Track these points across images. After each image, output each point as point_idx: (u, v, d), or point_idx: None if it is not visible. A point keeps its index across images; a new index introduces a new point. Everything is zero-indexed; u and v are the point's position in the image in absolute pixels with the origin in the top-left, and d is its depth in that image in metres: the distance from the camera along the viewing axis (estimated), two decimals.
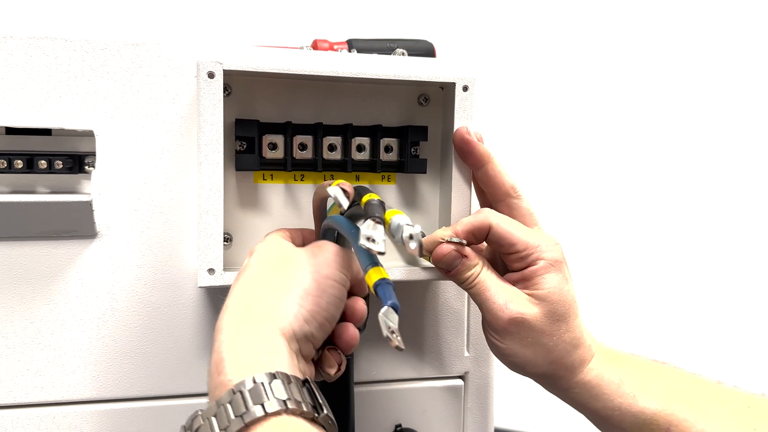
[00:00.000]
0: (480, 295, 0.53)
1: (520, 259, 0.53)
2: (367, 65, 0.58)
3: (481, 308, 0.53)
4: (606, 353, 0.55)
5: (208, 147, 0.51)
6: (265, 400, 0.39)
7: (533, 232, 0.54)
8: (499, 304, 0.52)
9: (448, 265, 0.53)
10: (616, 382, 0.54)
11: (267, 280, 0.47)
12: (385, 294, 0.41)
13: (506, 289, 0.53)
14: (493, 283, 0.53)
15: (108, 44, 0.54)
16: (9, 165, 0.54)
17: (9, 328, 0.55)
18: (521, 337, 0.52)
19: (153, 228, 0.56)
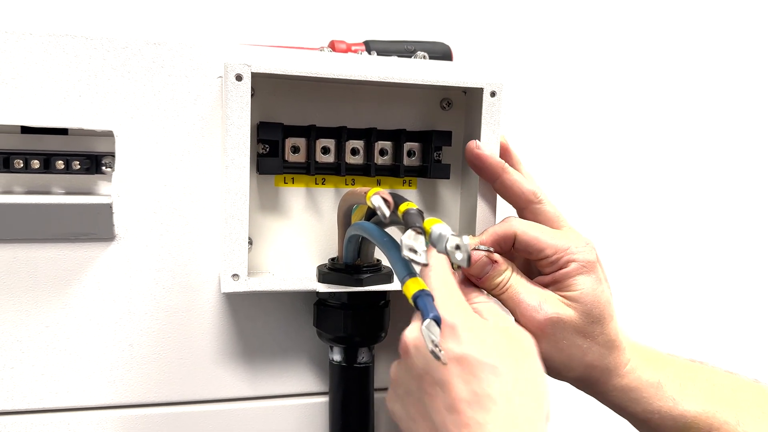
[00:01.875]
0: (512, 299, 0.52)
1: (551, 263, 0.52)
2: (394, 69, 0.58)
3: (515, 313, 0.52)
4: (643, 354, 0.55)
5: (235, 151, 0.50)
6: None
7: (562, 235, 0.53)
8: (533, 306, 0.51)
9: (479, 272, 0.52)
10: (655, 385, 0.53)
11: None
12: (425, 306, 0.40)
13: (539, 292, 0.52)
14: (524, 287, 0.52)
15: (129, 43, 0.53)
16: (26, 165, 0.53)
17: (24, 332, 0.53)
18: (557, 340, 0.51)
19: (172, 231, 0.55)
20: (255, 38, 0.94)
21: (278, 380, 0.59)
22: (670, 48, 1.19)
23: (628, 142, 1.17)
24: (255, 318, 0.58)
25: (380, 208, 0.43)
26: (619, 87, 1.16)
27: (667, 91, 1.20)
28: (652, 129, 1.19)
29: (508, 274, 0.52)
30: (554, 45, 1.10)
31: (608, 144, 1.15)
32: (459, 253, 0.39)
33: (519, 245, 0.53)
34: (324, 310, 0.55)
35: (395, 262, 0.44)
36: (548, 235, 0.53)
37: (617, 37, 1.16)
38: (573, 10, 1.12)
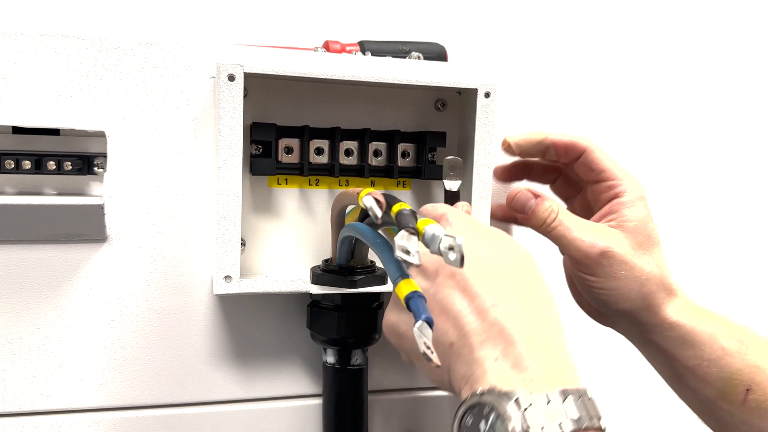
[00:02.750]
0: (565, 236, 0.52)
1: (608, 188, 0.53)
2: (389, 69, 0.57)
3: (569, 249, 0.52)
4: (694, 305, 0.55)
5: (227, 151, 0.50)
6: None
7: (623, 170, 0.54)
8: (588, 241, 0.51)
9: (521, 207, 0.53)
10: (708, 332, 0.53)
11: None
12: (418, 308, 0.39)
13: (591, 226, 0.52)
14: (575, 222, 0.52)
15: (121, 43, 0.53)
16: (17, 165, 0.53)
17: (15, 334, 0.53)
18: (614, 270, 0.51)
19: (165, 232, 0.55)
20: (248, 38, 0.93)
21: (271, 382, 0.59)
22: (665, 47, 1.19)
23: (624, 143, 1.17)
24: (248, 320, 0.58)
25: (372, 209, 0.43)
26: (615, 87, 1.16)
27: (663, 92, 1.20)
28: (648, 130, 1.19)
29: (555, 208, 0.52)
30: (547, 45, 1.10)
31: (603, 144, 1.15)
32: (452, 253, 0.38)
33: (585, 159, 0.54)
34: (317, 311, 0.55)
35: (388, 263, 0.43)
36: (613, 162, 0.54)
37: (611, 37, 1.15)
38: (567, 10, 1.12)
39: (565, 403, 0.35)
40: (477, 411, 0.36)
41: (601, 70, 1.14)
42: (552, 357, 0.38)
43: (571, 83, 1.12)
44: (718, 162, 1.25)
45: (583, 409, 0.35)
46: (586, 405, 0.35)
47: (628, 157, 1.15)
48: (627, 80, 1.17)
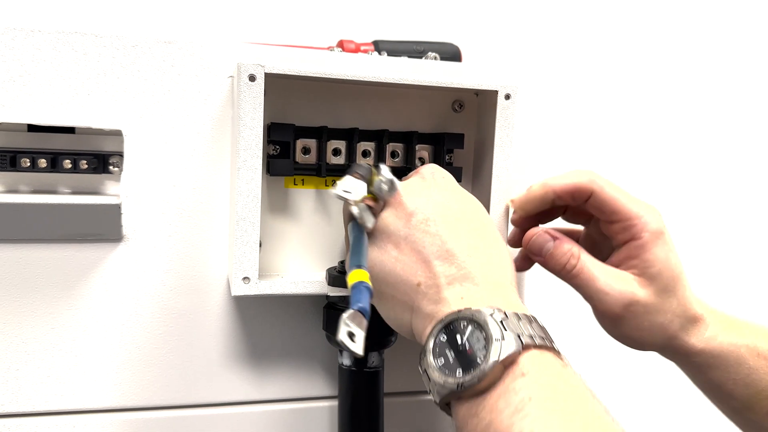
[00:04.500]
0: (588, 286, 0.50)
1: (623, 229, 0.50)
2: (409, 70, 0.57)
3: (591, 299, 0.51)
4: (722, 321, 0.54)
5: (247, 152, 0.50)
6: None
7: (636, 201, 0.51)
8: (612, 294, 0.50)
9: (539, 250, 0.51)
10: (735, 352, 0.52)
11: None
12: (354, 297, 0.40)
13: (615, 275, 0.50)
14: (597, 269, 0.50)
15: (139, 41, 0.52)
16: (32, 164, 0.52)
17: (29, 334, 0.53)
18: (637, 321, 0.50)
19: (180, 232, 0.55)
20: (254, 37, 0.93)
21: (286, 384, 0.58)
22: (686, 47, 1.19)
23: (643, 147, 1.16)
24: (263, 320, 0.57)
25: (362, 218, 0.44)
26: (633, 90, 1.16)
27: (683, 93, 1.19)
28: (667, 132, 1.18)
29: (576, 252, 0.51)
30: (560, 45, 1.10)
31: (622, 148, 1.14)
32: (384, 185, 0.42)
33: (594, 202, 0.51)
34: (334, 313, 0.55)
35: (353, 250, 0.44)
36: (625, 198, 0.51)
37: (628, 38, 1.15)
38: (581, 10, 1.12)
39: (531, 324, 0.39)
40: (453, 327, 0.39)
41: (611, 73, 1.14)
42: (511, 296, 0.42)
43: (585, 84, 1.11)
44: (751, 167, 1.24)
45: (545, 333, 0.39)
46: (545, 330, 0.39)
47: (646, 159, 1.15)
48: (643, 81, 1.16)
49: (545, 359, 0.38)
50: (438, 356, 0.39)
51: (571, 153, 1.07)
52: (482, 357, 0.37)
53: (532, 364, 0.37)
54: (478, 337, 0.38)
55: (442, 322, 0.40)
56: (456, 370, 0.38)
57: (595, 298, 0.50)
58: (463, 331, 0.39)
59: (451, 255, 0.42)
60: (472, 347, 0.38)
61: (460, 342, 0.38)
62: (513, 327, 0.38)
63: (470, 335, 0.38)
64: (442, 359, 0.39)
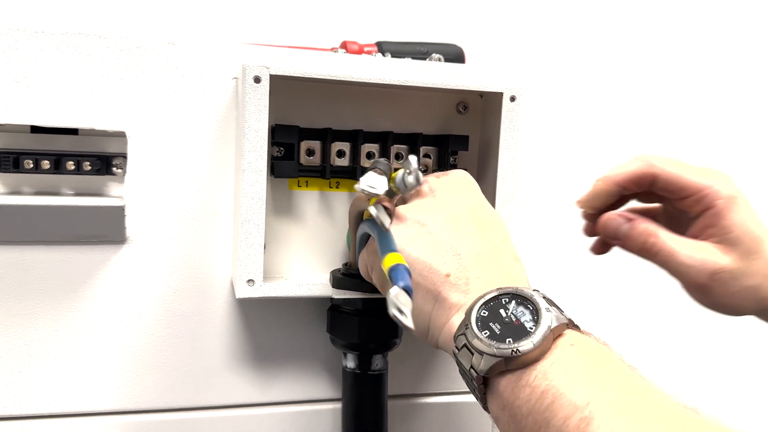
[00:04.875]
0: (669, 261, 0.50)
1: (695, 202, 0.50)
2: (415, 72, 0.57)
3: (675, 273, 0.50)
4: None
5: (252, 154, 0.50)
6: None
7: (702, 171, 0.50)
8: (695, 265, 0.49)
9: (614, 233, 0.51)
10: None
11: None
12: (398, 276, 0.40)
13: (695, 246, 0.50)
14: (677, 243, 0.50)
15: (143, 42, 0.52)
16: (35, 165, 0.52)
17: (32, 336, 0.52)
18: (726, 288, 0.49)
19: (184, 234, 0.54)
20: (256, 38, 0.93)
21: (290, 386, 0.58)
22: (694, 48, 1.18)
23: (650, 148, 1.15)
24: (267, 323, 0.57)
25: (379, 217, 0.44)
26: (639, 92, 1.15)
27: (689, 97, 1.19)
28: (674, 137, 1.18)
29: (653, 229, 0.50)
30: (563, 47, 1.09)
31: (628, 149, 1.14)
32: (410, 177, 0.42)
33: (659, 185, 0.50)
34: (338, 316, 0.55)
35: (381, 241, 0.44)
36: (690, 172, 0.50)
37: (633, 40, 1.15)
38: (585, 12, 1.11)
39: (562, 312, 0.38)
40: (494, 304, 0.39)
41: (613, 75, 1.14)
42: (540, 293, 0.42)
43: (588, 86, 1.11)
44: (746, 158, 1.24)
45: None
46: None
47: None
48: (649, 83, 1.16)
49: (586, 337, 0.38)
50: (482, 330, 0.38)
51: (574, 155, 1.07)
52: (532, 326, 0.36)
53: (578, 339, 0.37)
54: (523, 310, 0.37)
55: (481, 299, 0.39)
56: (506, 338, 0.37)
57: (679, 271, 0.50)
58: (506, 306, 0.38)
59: (484, 253, 0.43)
60: (519, 319, 0.37)
61: (504, 315, 0.38)
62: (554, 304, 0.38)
63: (514, 309, 0.38)
64: (487, 331, 0.38)
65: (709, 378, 1.21)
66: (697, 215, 0.51)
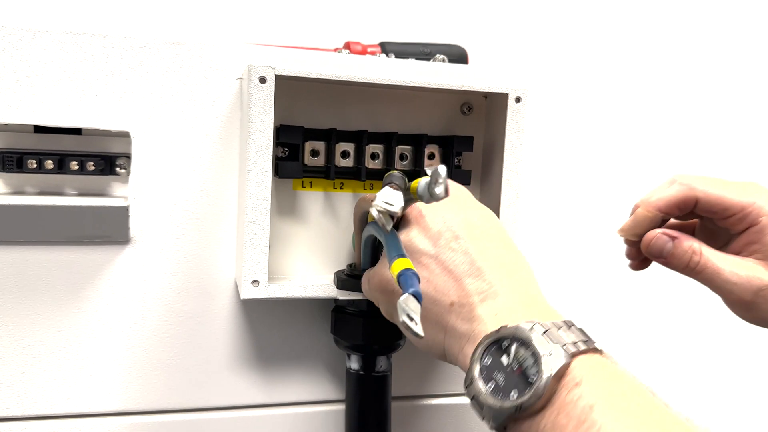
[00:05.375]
0: (714, 279, 0.50)
1: (738, 221, 0.50)
2: (420, 73, 0.56)
3: (721, 291, 0.50)
4: None
5: (257, 154, 0.49)
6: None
7: (743, 189, 0.50)
8: (740, 283, 0.49)
9: (659, 252, 0.51)
10: None
11: None
12: (407, 282, 0.40)
13: (740, 264, 0.50)
14: (722, 261, 0.50)
15: (147, 42, 0.52)
16: (39, 165, 0.52)
17: (36, 336, 0.52)
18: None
19: (188, 235, 0.54)
20: (258, 38, 0.92)
21: (294, 387, 0.58)
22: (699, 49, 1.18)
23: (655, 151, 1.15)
24: (270, 324, 0.57)
25: (381, 220, 0.44)
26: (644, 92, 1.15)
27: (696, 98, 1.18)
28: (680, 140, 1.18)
29: (697, 248, 0.50)
30: (566, 48, 1.09)
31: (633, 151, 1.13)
32: (439, 187, 0.40)
33: (702, 207, 0.51)
34: (342, 317, 0.54)
35: (388, 245, 0.44)
36: (731, 191, 0.50)
37: (639, 40, 1.14)
38: (589, 12, 1.11)
39: (570, 329, 0.38)
40: (495, 348, 0.38)
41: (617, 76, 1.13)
42: (542, 306, 0.42)
43: (591, 86, 1.10)
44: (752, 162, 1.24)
45: (583, 334, 0.38)
46: (583, 332, 0.39)
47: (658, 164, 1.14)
48: (654, 84, 1.15)
49: (594, 362, 0.37)
50: (487, 381, 0.38)
51: (578, 156, 1.06)
52: (534, 374, 0.36)
53: (584, 371, 0.36)
54: (525, 354, 0.37)
55: (482, 344, 0.39)
56: (510, 392, 0.36)
57: (724, 289, 0.50)
58: (507, 350, 0.38)
59: (481, 271, 0.42)
60: (522, 365, 0.37)
61: (507, 363, 0.37)
62: (556, 337, 0.37)
63: (516, 353, 0.37)
64: (492, 383, 0.37)
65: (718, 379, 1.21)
66: (739, 232, 0.51)
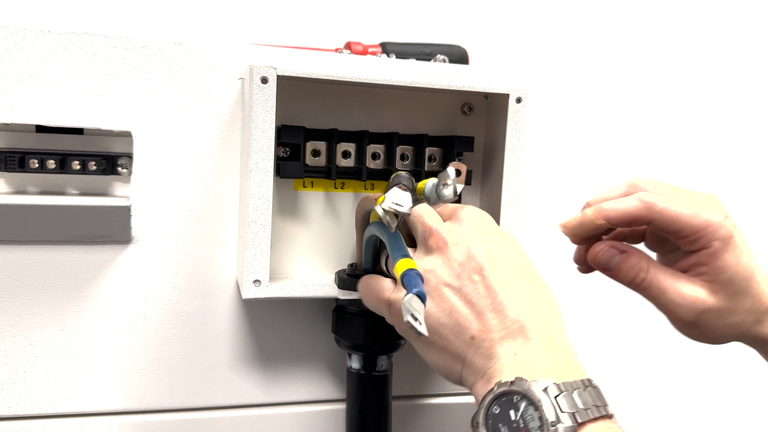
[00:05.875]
0: (658, 297, 0.50)
1: (691, 242, 0.49)
2: (422, 73, 0.57)
3: (663, 309, 0.51)
4: None
5: (259, 154, 0.50)
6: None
7: (701, 207, 0.49)
8: (683, 305, 0.49)
9: (606, 264, 0.51)
10: None
11: None
12: (410, 282, 0.40)
13: (684, 285, 0.50)
14: (667, 280, 0.50)
15: (149, 42, 0.52)
16: (41, 165, 0.52)
17: (38, 336, 0.52)
18: (710, 325, 0.50)
19: (190, 234, 0.54)
20: (257, 38, 0.92)
21: (294, 387, 0.58)
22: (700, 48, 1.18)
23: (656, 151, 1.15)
24: (271, 323, 0.57)
25: (386, 219, 0.44)
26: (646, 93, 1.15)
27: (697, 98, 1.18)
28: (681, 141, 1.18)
29: (644, 266, 0.50)
30: (566, 48, 1.09)
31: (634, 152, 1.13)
32: (447, 189, 0.42)
33: (656, 225, 0.49)
34: (343, 316, 0.55)
35: (391, 245, 0.44)
36: (686, 211, 0.48)
37: (640, 40, 1.14)
38: (588, 12, 1.11)
39: (586, 391, 0.38)
40: (506, 400, 0.38)
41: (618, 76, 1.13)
42: (562, 350, 0.42)
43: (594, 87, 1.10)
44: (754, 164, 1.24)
45: (597, 398, 0.39)
46: (599, 394, 0.39)
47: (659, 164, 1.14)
48: (656, 84, 1.15)
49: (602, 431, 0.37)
50: (491, 429, 0.38)
51: (579, 157, 1.07)
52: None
53: None
54: (533, 415, 0.37)
55: (493, 392, 0.39)
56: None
57: (667, 308, 0.50)
58: (516, 406, 0.38)
59: (504, 307, 0.42)
60: (527, 425, 0.37)
61: (513, 418, 0.38)
62: (568, 404, 0.37)
63: (524, 412, 0.37)
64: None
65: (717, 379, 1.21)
66: (689, 252, 0.50)
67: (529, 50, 1.05)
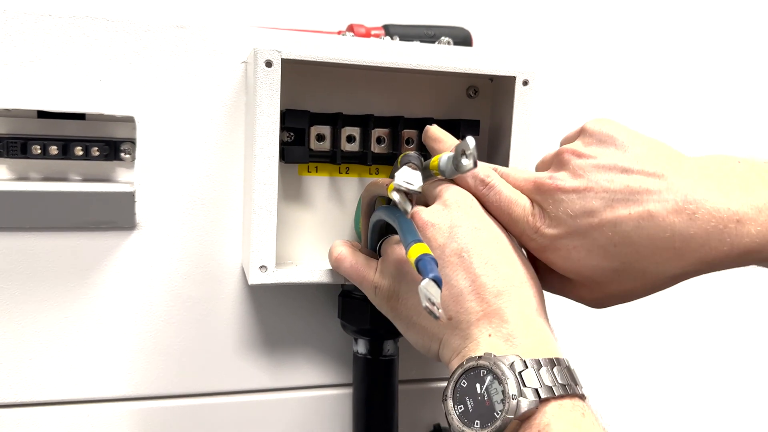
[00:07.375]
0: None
1: None
2: (427, 56, 0.56)
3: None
4: None
5: (264, 139, 0.49)
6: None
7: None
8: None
9: None
10: None
11: None
12: (426, 268, 0.40)
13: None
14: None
15: (151, 26, 0.51)
16: (43, 151, 0.51)
17: (42, 323, 0.52)
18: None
19: (194, 220, 0.54)
20: (258, 21, 0.92)
21: (301, 372, 0.58)
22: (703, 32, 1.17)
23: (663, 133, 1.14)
24: (277, 309, 0.57)
25: (401, 203, 0.43)
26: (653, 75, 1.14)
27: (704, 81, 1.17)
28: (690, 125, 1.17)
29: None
30: (571, 30, 1.09)
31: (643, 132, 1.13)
32: (466, 159, 0.42)
33: None
34: (349, 301, 0.54)
35: (403, 229, 0.44)
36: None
37: (647, 22, 1.13)
38: None
39: (554, 369, 0.39)
40: (473, 374, 0.39)
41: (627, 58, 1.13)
42: (538, 331, 0.42)
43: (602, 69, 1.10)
44: None
45: (569, 377, 0.39)
46: (571, 374, 0.40)
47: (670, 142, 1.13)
48: (663, 66, 1.15)
49: (564, 411, 0.38)
50: (458, 403, 0.40)
51: None
52: (499, 412, 0.38)
53: (551, 417, 0.37)
54: (497, 389, 0.38)
55: (463, 366, 0.40)
56: (474, 421, 0.39)
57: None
58: (482, 379, 0.39)
59: (483, 289, 0.42)
60: (491, 398, 0.38)
61: (479, 391, 0.39)
62: (532, 379, 0.38)
63: (489, 385, 0.39)
64: (462, 406, 0.39)
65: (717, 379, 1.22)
66: None
67: (533, 32, 1.05)
